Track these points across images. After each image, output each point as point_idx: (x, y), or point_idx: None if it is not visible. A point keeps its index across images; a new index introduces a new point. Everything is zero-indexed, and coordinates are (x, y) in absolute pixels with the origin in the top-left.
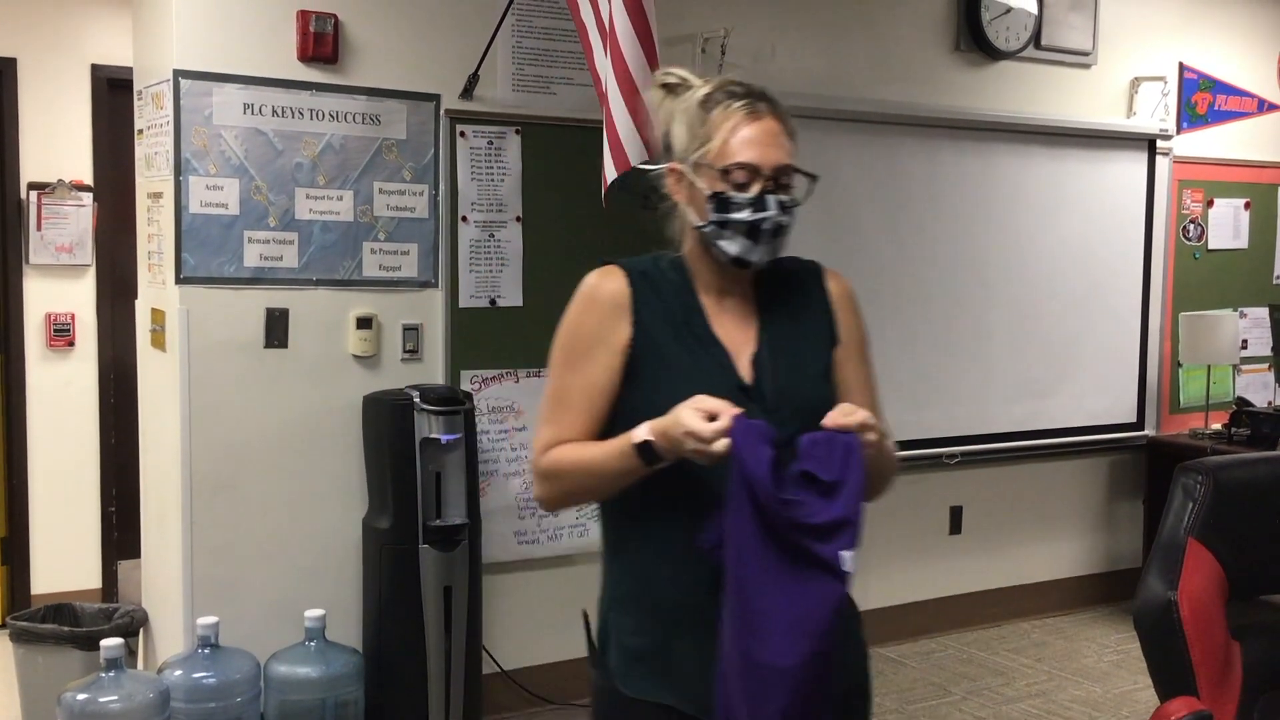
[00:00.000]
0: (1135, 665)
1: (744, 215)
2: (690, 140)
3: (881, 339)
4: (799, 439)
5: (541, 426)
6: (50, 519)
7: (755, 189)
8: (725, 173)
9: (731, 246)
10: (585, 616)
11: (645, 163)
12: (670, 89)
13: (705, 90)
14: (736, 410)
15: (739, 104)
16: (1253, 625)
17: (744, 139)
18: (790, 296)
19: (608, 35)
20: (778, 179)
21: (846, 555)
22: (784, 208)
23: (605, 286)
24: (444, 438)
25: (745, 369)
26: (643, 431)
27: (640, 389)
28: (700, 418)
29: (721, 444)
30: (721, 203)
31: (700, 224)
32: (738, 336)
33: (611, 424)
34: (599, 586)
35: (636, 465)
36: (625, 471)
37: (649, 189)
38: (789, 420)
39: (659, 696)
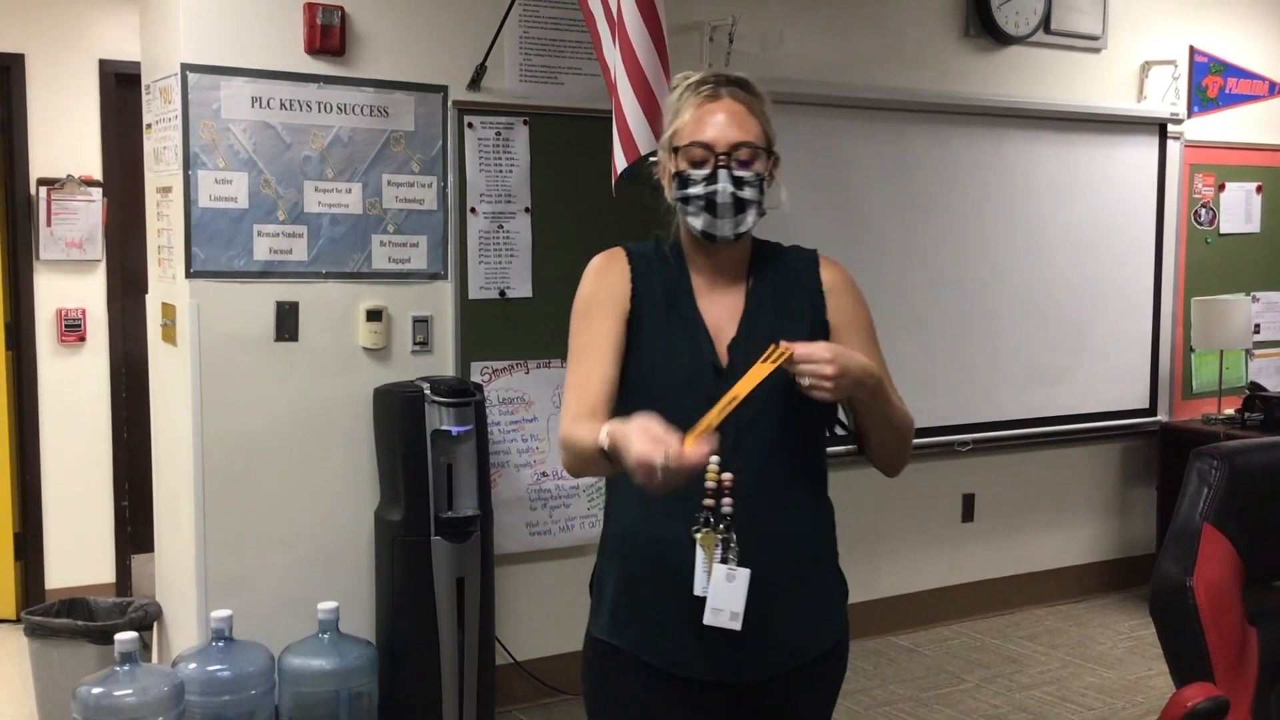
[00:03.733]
0: (1149, 651)
1: (698, 190)
2: (667, 127)
3: (892, 326)
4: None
5: (566, 393)
6: (63, 514)
7: (709, 166)
8: (684, 151)
9: (696, 221)
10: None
11: (651, 153)
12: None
13: (687, 81)
14: (674, 443)
15: (704, 89)
16: (1269, 610)
17: (699, 119)
18: (780, 281)
19: (616, 24)
20: (732, 154)
21: None
22: (737, 182)
23: (610, 263)
24: (455, 429)
25: (724, 351)
26: (603, 436)
27: (632, 361)
28: (645, 440)
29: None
30: (682, 180)
31: (670, 201)
32: (724, 319)
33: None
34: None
35: (606, 463)
36: (601, 463)
37: (655, 180)
38: (761, 402)
39: (624, 643)
